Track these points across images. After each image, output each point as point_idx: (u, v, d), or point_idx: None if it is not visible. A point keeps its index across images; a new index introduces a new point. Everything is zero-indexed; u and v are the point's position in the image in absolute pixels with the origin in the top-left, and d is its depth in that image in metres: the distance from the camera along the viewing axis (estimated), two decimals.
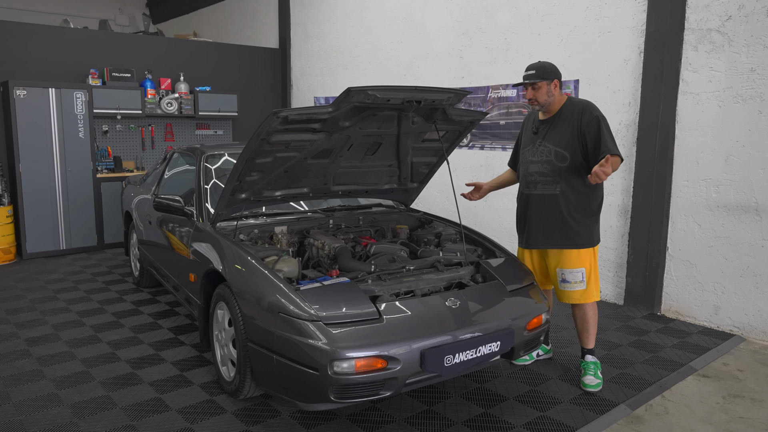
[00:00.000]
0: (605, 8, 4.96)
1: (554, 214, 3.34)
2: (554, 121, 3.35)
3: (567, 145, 3.28)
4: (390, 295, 3.00)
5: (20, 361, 3.78)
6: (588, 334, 3.49)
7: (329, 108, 3.03)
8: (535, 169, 3.40)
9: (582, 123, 3.23)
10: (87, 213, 6.89)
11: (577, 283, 3.36)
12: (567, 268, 3.37)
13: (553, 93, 3.30)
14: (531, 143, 3.47)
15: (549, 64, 3.32)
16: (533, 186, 3.41)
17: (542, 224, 3.39)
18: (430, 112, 3.39)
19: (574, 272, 3.35)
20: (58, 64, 7.08)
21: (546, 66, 3.29)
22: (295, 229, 3.87)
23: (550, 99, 3.31)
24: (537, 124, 3.46)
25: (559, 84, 3.32)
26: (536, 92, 3.29)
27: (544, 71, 3.27)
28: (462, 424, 3.01)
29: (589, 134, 3.21)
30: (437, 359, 2.73)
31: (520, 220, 3.57)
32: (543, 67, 3.28)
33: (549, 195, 3.34)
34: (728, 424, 3.05)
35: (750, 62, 4.15)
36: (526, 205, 3.48)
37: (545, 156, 3.36)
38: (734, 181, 4.29)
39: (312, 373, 2.61)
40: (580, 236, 3.33)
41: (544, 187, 3.36)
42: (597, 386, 3.39)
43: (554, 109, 3.37)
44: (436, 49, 6.53)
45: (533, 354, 3.75)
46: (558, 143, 3.30)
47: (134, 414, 3.08)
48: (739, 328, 4.35)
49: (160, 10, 12.45)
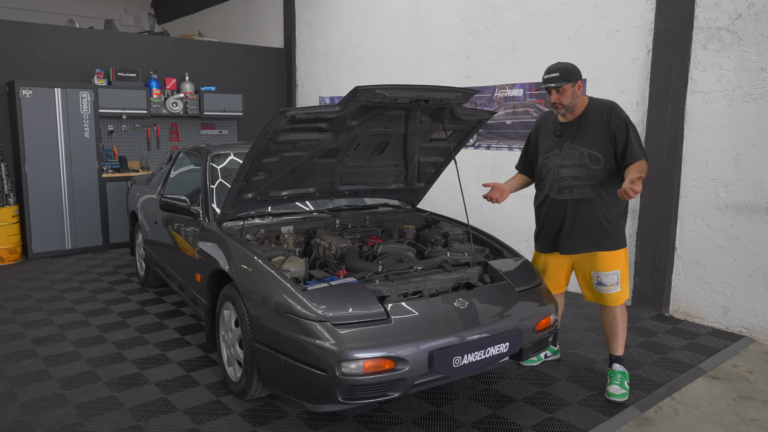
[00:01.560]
0: (613, 7, 4.93)
1: (591, 218, 3.24)
2: (580, 123, 3.24)
3: (599, 147, 3.18)
4: (398, 295, 2.98)
5: (26, 361, 3.77)
6: (617, 339, 3.38)
7: (337, 107, 3.01)
8: (569, 173, 3.26)
9: (611, 124, 3.15)
10: (92, 213, 6.89)
11: (612, 286, 3.28)
12: (603, 271, 3.27)
13: (578, 95, 3.19)
14: (556, 147, 3.32)
15: (571, 65, 3.20)
16: (567, 191, 3.28)
17: (580, 229, 3.27)
18: (438, 111, 3.37)
19: (609, 275, 3.27)
20: (64, 64, 7.08)
21: (569, 67, 3.17)
22: (302, 229, 3.85)
23: (575, 101, 3.19)
24: (558, 127, 3.33)
25: (582, 84, 3.22)
26: (561, 95, 3.17)
27: (568, 73, 3.15)
28: (470, 425, 2.99)
29: (618, 136, 3.13)
30: (445, 360, 2.71)
31: (549, 226, 3.41)
32: (566, 69, 3.16)
33: (585, 199, 3.23)
34: (739, 426, 3.02)
35: (760, 61, 4.11)
36: (559, 210, 3.33)
37: (578, 159, 3.23)
38: (744, 181, 4.25)
39: (319, 374, 2.59)
40: (615, 238, 3.27)
41: (580, 191, 3.24)
42: (622, 396, 3.27)
43: (578, 111, 3.25)
44: (442, 48, 6.51)
45: (541, 355, 3.70)
46: (590, 146, 3.19)
47: (140, 414, 3.07)
48: (749, 330, 4.31)
49: (165, 10, 12.46)
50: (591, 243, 3.27)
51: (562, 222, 3.32)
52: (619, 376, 3.34)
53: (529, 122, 5.67)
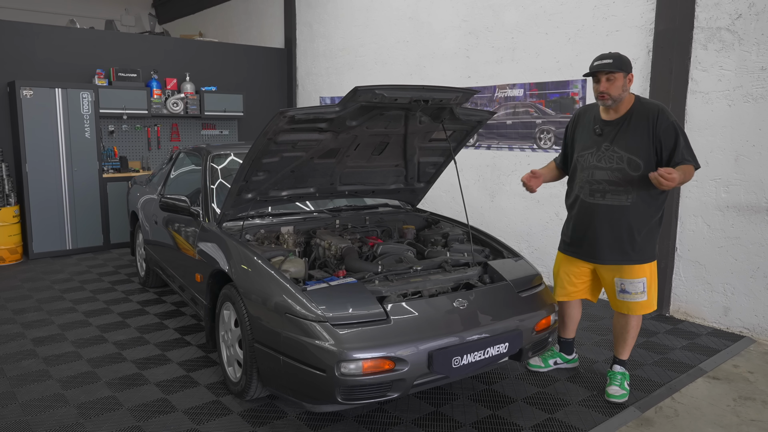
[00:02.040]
0: (613, 7, 4.93)
1: (622, 227, 3.07)
2: (624, 123, 3.04)
3: (641, 152, 2.97)
4: (397, 295, 2.98)
5: (26, 361, 3.78)
6: (626, 344, 3.32)
7: (336, 107, 3.01)
8: (604, 176, 3.08)
9: (658, 128, 2.94)
10: (93, 213, 6.89)
11: (637, 294, 3.13)
12: (627, 278, 3.13)
13: (627, 88, 3.01)
14: (594, 146, 3.15)
15: (624, 56, 3.02)
16: (600, 195, 3.10)
17: (608, 238, 3.11)
18: (438, 111, 3.37)
19: (635, 282, 3.12)
20: (65, 64, 7.09)
21: (623, 57, 3.00)
22: (302, 229, 3.86)
23: (624, 95, 3.01)
24: (600, 124, 3.12)
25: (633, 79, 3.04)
26: (610, 84, 2.97)
27: (622, 62, 2.97)
28: (470, 425, 2.99)
29: (665, 142, 2.94)
30: (445, 360, 2.71)
31: (579, 229, 3.25)
32: (620, 58, 2.98)
33: (618, 206, 3.05)
34: (739, 426, 3.01)
35: (760, 61, 4.10)
36: (590, 214, 3.16)
37: (616, 163, 3.05)
38: (744, 181, 4.25)
39: (319, 374, 2.59)
40: (645, 252, 3.11)
41: (614, 198, 3.06)
42: (622, 397, 3.23)
43: (623, 109, 3.05)
44: (443, 48, 6.51)
45: (550, 362, 3.61)
46: (630, 149, 2.99)
47: (140, 415, 3.07)
48: (749, 330, 4.31)
49: (166, 10, 12.47)
50: (620, 255, 3.12)
51: (589, 227, 3.18)
52: (619, 377, 3.30)
53: (529, 122, 5.67)
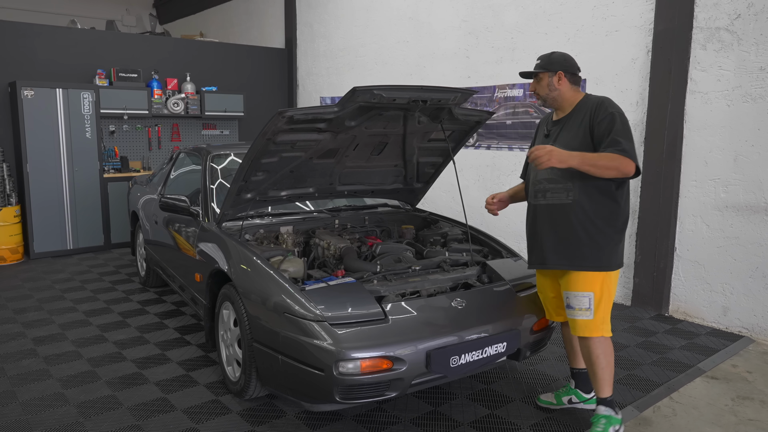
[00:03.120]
0: (612, 7, 4.93)
1: (566, 228, 2.75)
2: (567, 120, 2.85)
3: (579, 146, 2.71)
4: (396, 295, 2.99)
5: (27, 360, 3.79)
6: (596, 378, 2.81)
7: (335, 108, 3.02)
8: (544, 175, 2.84)
9: (594, 119, 2.71)
10: (94, 213, 6.91)
11: (581, 311, 2.75)
12: (572, 291, 2.78)
13: (556, 87, 2.81)
14: None
15: (559, 55, 2.86)
16: (542, 195, 2.85)
17: (552, 240, 2.81)
18: (436, 111, 3.38)
19: (579, 296, 2.75)
20: (66, 64, 7.11)
21: (554, 56, 2.85)
22: (301, 229, 3.87)
23: (553, 93, 2.83)
24: (550, 125, 2.97)
25: (569, 77, 2.82)
26: (537, 84, 2.88)
27: (549, 61, 2.84)
28: (468, 425, 2.99)
29: (598, 130, 2.68)
30: (443, 360, 2.72)
31: (529, 234, 2.98)
32: (549, 57, 2.86)
33: (559, 205, 2.77)
34: (737, 426, 3.02)
35: (759, 61, 4.11)
36: (534, 217, 2.92)
37: None
38: (743, 181, 4.25)
39: (317, 374, 2.60)
40: (595, 258, 2.72)
41: (554, 196, 2.80)
42: None
43: (567, 108, 2.85)
44: (443, 48, 6.52)
45: (563, 399, 3.17)
46: (569, 144, 2.73)
47: (140, 414, 3.09)
48: (748, 330, 4.31)
49: (166, 10, 12.49)
50: (565, 259, 2.78)
51: (535, 231, 2.91)
52: (602, 422, 2.80)
53: (528, 122, 5.67)
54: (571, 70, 2.83)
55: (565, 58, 2.86)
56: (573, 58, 2.88)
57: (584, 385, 3.12)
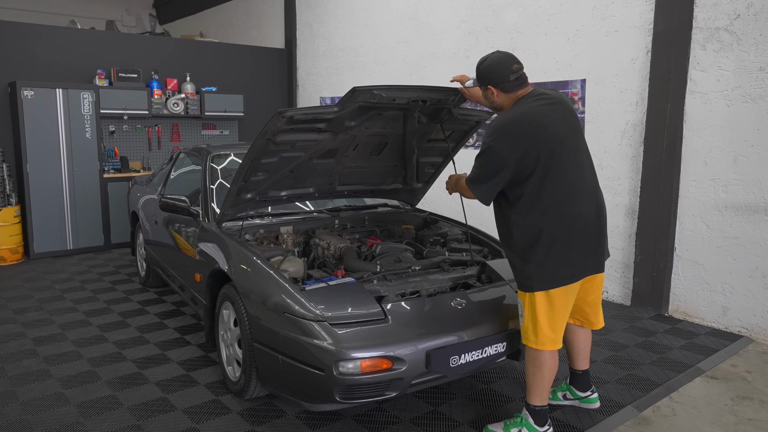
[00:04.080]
0: (612, 7, 4.94)
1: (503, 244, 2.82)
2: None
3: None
4: (395, 295, 2.99)
5: (27, 360, 3.79)
6: (527, 383, 2.79)
7: (335, 108, 3.02)
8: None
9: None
10: (94, 213, 6.91)
11: (519, 316, 2.79)
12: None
13: (494, 99, 2.75)
14: None
15: (484, 67, 2.73)
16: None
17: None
18: (436, 111, 3.38)
19: (518, 301, 2.79)
20: (66, 64, 7.11)
21: (481, 69, 2.76)
22: (301, 229, 3.87)
23: (494, 104, 2.80)
24: None
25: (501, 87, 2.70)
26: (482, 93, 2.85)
27: (478, 75, 2.78)
28: (468, 425, 3.00)
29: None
30: (443, 360, 2.72)
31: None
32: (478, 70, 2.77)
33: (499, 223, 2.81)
34: (736, 426, 3.02)
35: (759, 61, 4.11)
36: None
37: None
38: (743, 181, 4.25)
39: (317, 374, 2.60)
40: (519, 278, 2.73)
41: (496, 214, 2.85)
42: None
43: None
44: (442, 48, 6.52)
45: (558, 394, 3.21)
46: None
47: (140, 413, 3.09)
48: (748, 329, 4.32)
49: (166, 10, 12.49)
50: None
51: None
52: (516, 420, 2.83)
53: None
54: (501, 80, 2.68)
55: (490, 70, 2.70)
56: (502, 63, 2.68)
57: (579, 384, 3.14)
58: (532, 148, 2.56)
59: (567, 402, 3.18)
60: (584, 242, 2.66)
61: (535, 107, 2.64)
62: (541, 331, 2.67)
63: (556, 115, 2.65)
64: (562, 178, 2.60)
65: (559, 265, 2.61)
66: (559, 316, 2.68)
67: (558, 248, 2.60)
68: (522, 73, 2.71)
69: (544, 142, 2.58)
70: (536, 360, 2.72)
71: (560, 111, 2.68)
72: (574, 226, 2.62)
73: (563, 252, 2.61)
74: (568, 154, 2.63)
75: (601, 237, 2.75)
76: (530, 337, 2.72)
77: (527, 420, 2.78)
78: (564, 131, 2.65)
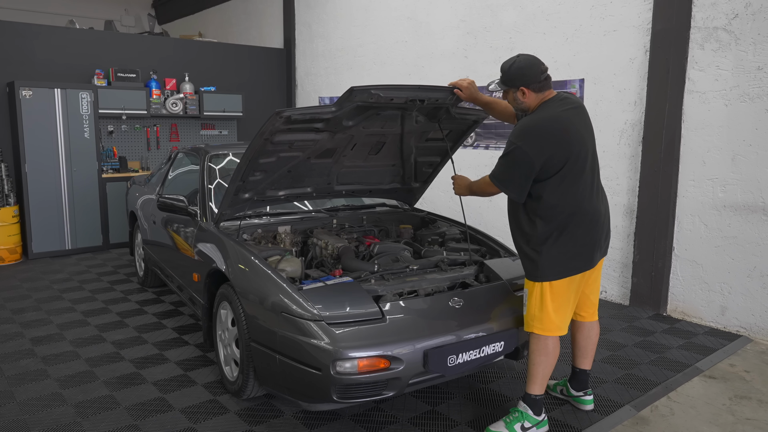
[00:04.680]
0: (611, 7, 4.94)
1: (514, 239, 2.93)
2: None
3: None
4: (393, 294, 2.99)
5: (25, 360, 3.79)
6: (528, 371, 2.88)
7: (332, 107, 3.02)
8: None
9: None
10: (92, 213, 6.91)
11: (524, 305, 2.90)
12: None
13: (522, 100, 2.82)
14: None
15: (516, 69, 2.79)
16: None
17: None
18: (434, 111, 3.38)
19: (525, 290, 2.89)
20: (64, 64, 7.10)
21: (512, 72, 2.80)
22: (299, 228, 3.87)
23: (521, 106, 2.86)
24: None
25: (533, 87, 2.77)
26: (506, 95, 2.90)
27: (510, 78, 2.82)
28: (465, 424, 2.99)
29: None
30: (440, 359, 2.72)
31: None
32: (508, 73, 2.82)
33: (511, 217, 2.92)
34: (734, 425, 3.02)
35: (757, 61, 4.11)
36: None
37: None
38: (741, 180, 4.25)
39: (315, 373, 2.60)
40: (529, 269, 2.83)
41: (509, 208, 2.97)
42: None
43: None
44: (441, 48, 6.52)
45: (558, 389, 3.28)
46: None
47: (137, 413, 3.08)
48: (746, 329, 4.31)
49: (165, 10, 12.49)
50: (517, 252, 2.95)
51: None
52: (515, 415, 2.86)
53: None
54: (533, 81, 2.76)
55: (523, 72, 2.76)
56: (534, 64, 2.77)
57: (575, 383, 3.19)
58: (557, 152, 2.68)
59: (562, 397, 3.27)
60: (593, 237, 2.81)
61: (561, 112, 2.75)
62: (548, 318, 2.80)
63: (578, 120, 2.79)
64: (580, 178, 2.74)
65: (569, 257, 2.76)
66: (566, 305, 2.82)
67: (569, 242, 2.75)
68: (548, 74, 2.83)
69: (569, 146, 2.70)
70: (544, 348, 2.83)
71: (581, 116, 2.84)
72: (586, 222, 2.77)
73: (573, 246, 2.75)
74: (586, 157, 2.77)
75: (607, 232, 2.94)
76: (536, 324, 2.82)
77: (526, 412, 2.85)
78: (586, 136, 2.81)
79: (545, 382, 2.87)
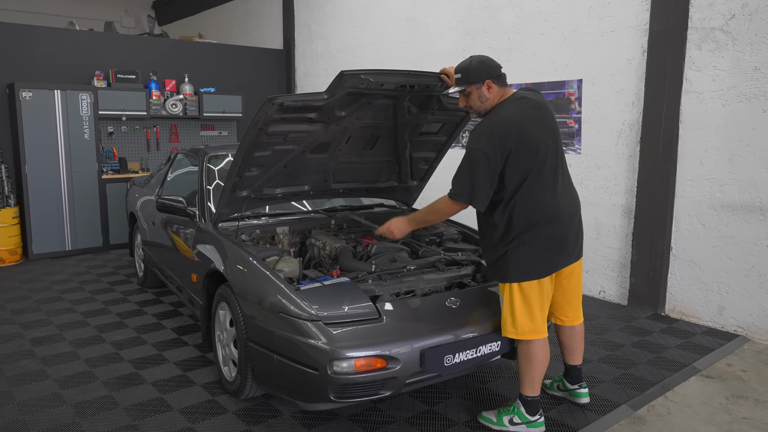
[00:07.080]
0: (608, 7, 4.95)
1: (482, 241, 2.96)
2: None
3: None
4: (390, 294, 3.00)
5: (24, 360, 3.80)
6: (519, 373, 2.91)
7: (324, 94, 3.02)
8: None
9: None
10: (92, 214, 6.92)
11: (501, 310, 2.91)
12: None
13: (488, 96, 2.77)
14: None
15: (477, 63, 2.76)
16: None
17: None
18: (426, 100, 3.40)
19: (500, 295, 2.91)
20: (64, 65, 7.12)
21: (473, 66, 2.76)
22: (297, 229, 3.88)
23: (486, 104, 2.80)
24: None
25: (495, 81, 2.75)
26: (468, 99, 2.83)
27: (473, 73, 2.75)
28: (463, 424, 3.01)
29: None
30: (437, 359, 2.73)
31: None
32: (469, 69, 2.76)
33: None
34: (731, 425, 3.03)
35: (754, 61, 4.12)
36: None
37: None
38: (738, 180, 4.26)
39: (312, 373, 2.61)
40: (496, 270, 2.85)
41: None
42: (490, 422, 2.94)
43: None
44: (440, 49, 6.53)
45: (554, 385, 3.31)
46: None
47: (136, 414, 3.10)
48: (744, 329, 4.32)
49: (165, 11, 12.51)
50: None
51: None
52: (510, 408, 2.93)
53: None
54: (496, 73, 2.77)
55: (486, 64, 2.77)
56: (491, 59, 2.81)
57: (569, 377, 3.22)
58: (515, 153, 2.65)
59: (560, 393, 3.28)
60: (557, 239, 2.77)
61: (517, 111, 2.72)
62: (518, 322, 2.80)
63: (537, 119, 2.74)
64: (540, 180, 2.71)
65: (531, 261, 2.74)
66: (536, 307, 2.80)
67: (531, 245, 2.73)
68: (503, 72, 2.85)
69: (527, 147, 2.67)
70: (527, 352, 2.84)
71: (541, 115, 2.77)
72: (549, 225, 2.73)
73: (536, 249, 2.74)
74: (547, 158, 2.73)
75: (576, 234, 2.87)
76: (509, 328, 2.83)
77: (519, 409, 2.89)
78: (545, 136, 2.74)
79: (537, 385, 2.88)
